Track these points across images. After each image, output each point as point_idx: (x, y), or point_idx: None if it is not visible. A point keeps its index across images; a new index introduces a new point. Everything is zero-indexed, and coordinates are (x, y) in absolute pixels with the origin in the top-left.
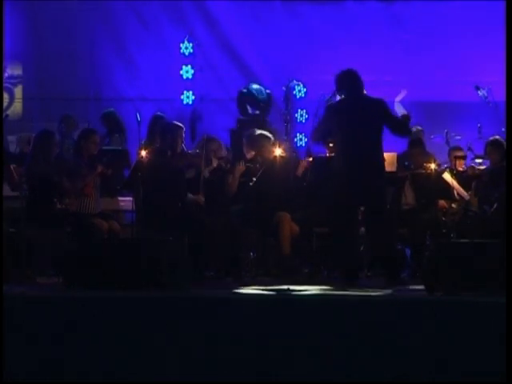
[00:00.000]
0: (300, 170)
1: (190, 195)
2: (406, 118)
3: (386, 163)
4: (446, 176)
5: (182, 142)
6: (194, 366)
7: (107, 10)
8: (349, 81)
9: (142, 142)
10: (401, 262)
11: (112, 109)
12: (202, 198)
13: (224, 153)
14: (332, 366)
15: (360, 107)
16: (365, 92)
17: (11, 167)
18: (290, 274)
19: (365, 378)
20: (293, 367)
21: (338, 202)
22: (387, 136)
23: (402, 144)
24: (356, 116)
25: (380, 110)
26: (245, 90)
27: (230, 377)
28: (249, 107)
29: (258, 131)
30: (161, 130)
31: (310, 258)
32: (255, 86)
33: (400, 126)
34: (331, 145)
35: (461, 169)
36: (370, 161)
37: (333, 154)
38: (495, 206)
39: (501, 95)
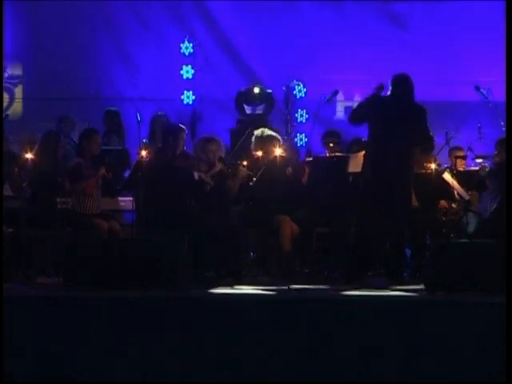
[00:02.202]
0: (306, 177)
1: (195, 174)
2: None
3: None
4: (446, 176)
5: (184, 143)
6: (194, 365)
7: (107, 10)
8: (398, 84)
9: (144, 141)
10: (402, 263)
11: (116, 108)
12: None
13: (224, 153)
14: (332, 365)
15: (399, 109)
16: (411, 96)
17: (15, 169)
18: (290, 273)
19: (365, 377)
20: (293, 367)
21: (364, 200)
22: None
23: None
24: (393, 116)
25: (417, 117)
26: (243, 90)
27: (230, 377)
28: (246, 107)
29: (268, 131)
30: (162, 131)
31: (310, 258)
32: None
33: (426, 140)
34: (331, 145)
35: (461, 169)
36: (397, 162)
37: (333, 154)
38: (495, 206)
39: (501, 95)
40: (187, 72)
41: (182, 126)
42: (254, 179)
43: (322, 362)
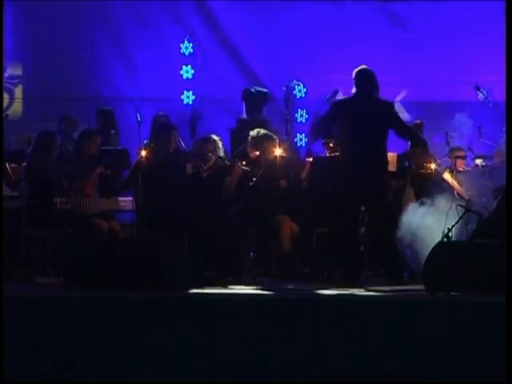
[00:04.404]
0: (304, 174)
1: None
2: (417, 126)
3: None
4: (446, 176)
5: (176, 141)
6: (194, 365)
7: (107, 10)
8: (360, 79)
9: (145, 142)
10: (401, 262)
11: (104, 107)
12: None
13: (222, 152)
14: (332, 366)
15: (366, 107)
16: (376, 93)
17: (8, 166)
18: (290, 273)
19: (365, 377)
20: (292, 367)
21: (339, 201)
22: (388, 136)
23: (403, 144)
24: (361, 115)
25: (387, 113)
26: (266, 91)
27: (230, 377)
28: (264, 108)
29: (263, 131)
30: (155, 130)
31: (310, 258)
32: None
33: (407, 133)
34: (331, 145)
35: (461, 169)
36: (372, 161)
37: (333, 154)
38: (494, 205)
39: (501, 95)
40: (187, 72)
41: (173, 125)
42: (254, 179)
43: (322, 362)
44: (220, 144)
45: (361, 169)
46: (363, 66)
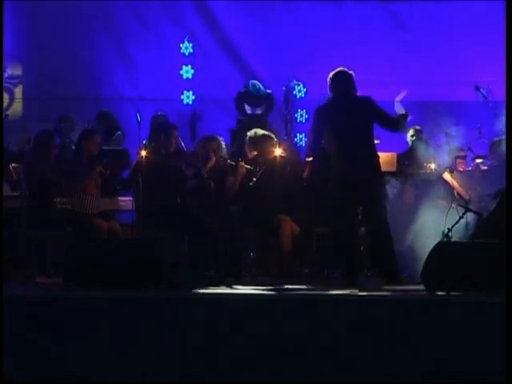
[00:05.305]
0: (306, 173)
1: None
2: (403, 116)
3: (386, 163)
4: (446, 176)
5: (176, 141)
6: (194, 365)
7: (107, 10)
8: (336, 81)
9: (144, 142)
10: (396, 262)
11: (106, 109)
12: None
13: (224, 152)
14: (332, 366)
15: (347, 106)
16: (354, 92)
17: (10, 166)
18: (290, 273)
19: (365, 378)
20: (293, 367)
21: (336, 201)
22: (388, 136)
23: (402, 144)
24: (343, 115)
25: (368, 107)
26: (243, 90)
27: (230, 377)
28: (247, 107)
29: (261, 131)
30: (154, 130)
31: (310, 258)
32: (253, 82)
33: (392, 122)
34: None
35: (461, 169)
36: (362, 160)
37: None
38: (494, 206)
39: (501, 95)
40: (187, 72)
41: (173, 124)
42: (254, 179)
43: (322, 362)
44: (223, 144)
45: (351, 169)
46: (339, 69)
